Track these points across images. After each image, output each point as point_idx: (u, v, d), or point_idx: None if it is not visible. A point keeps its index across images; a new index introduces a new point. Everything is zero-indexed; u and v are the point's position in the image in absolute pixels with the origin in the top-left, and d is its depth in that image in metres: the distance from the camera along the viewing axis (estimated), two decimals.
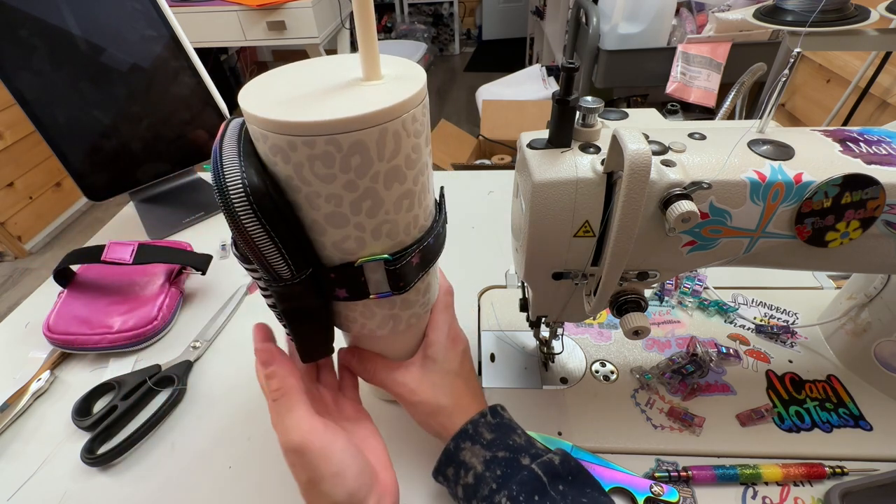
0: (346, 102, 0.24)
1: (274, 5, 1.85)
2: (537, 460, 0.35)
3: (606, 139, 0.32)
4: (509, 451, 0.36)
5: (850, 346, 0.49)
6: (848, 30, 0.79)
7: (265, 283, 0.29)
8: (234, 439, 0.47)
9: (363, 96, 0.25)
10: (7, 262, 2.01)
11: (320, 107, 0.24)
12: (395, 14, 3.76)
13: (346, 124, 0.23)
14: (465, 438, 0.37)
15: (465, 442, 0.37)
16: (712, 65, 1.41)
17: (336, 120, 0.23)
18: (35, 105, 0.63)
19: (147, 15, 0.68)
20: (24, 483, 0.44)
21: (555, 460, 0.35)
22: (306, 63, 0.30)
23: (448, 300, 0.42)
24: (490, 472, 0.35)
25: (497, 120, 1.85)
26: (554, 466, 0.34)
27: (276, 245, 0.26)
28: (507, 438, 0.37)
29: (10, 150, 1.93)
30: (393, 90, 0.25)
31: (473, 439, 0.37)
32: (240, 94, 0.26)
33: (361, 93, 0.25)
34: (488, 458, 0.36)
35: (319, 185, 0.26)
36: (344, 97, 0.25)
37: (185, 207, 0.77)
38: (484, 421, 0.38)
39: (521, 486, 0.33)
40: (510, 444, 0.36)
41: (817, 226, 0.33)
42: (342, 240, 0.28)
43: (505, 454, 0.36)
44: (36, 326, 0.58)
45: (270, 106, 0.24)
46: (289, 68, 0.29)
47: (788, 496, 0.40)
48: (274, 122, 0.23)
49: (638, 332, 0.35)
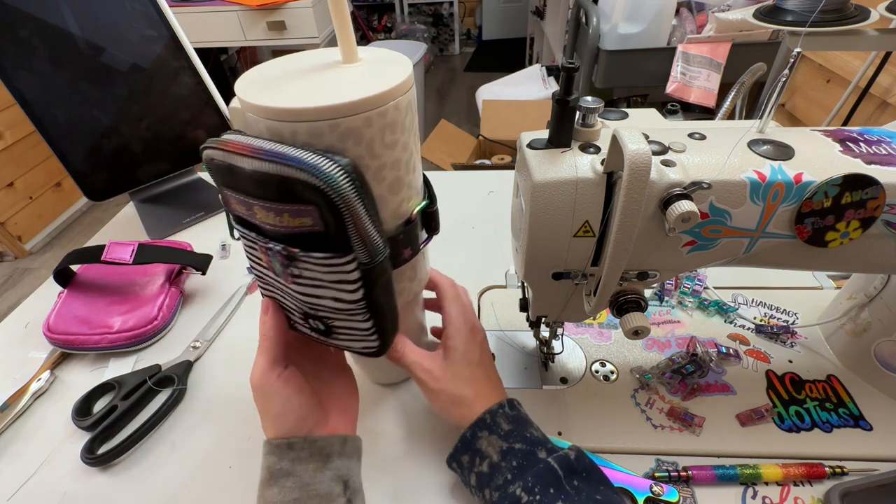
0: (397, 71, 0.29)
1: (274, 5, 1.85)
2: (553, 455, 0.36)
3: (606, 139, 0.32)
4: (526, 444, 0.37)
5: (850, 346, 0.49)
6: (848, 30, 0.79)
7: (360, 266, 0.29)
8: (234, 439, 0.47)
9: (394, 69, 0.30)
10: (7, 262, 2.01)
11: (377, 81, 0.28)
12: (395, 14, 3.76)
13: (403, 86, 0.29)
14: (482, 427, 0.38)
15: (482, 431, 0.37)
16: (712, 65, 1.41)
17: (400, 83, 0.28)
18: (35, 105, 0.63)
19: (147, 15, 0.68)
20: (24, 483, 0.44)
21: (570, 455, 0.35)
22: (291, 57, 0.33)
23: (454, 292, 0.43)
24: (506, 462, 0.36)
25: (497, 120, 1.85)
26: (570, 461, 0.35)
27: (372, 220, 0.28)
28: (525, 431, 0.38)
29: (10, 150, 1.93)
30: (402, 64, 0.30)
31: (491, 429, 0.37)
32: (279, 96, 0.28)
33: (387, 69, 0.30)
34: (505, 448, 0.36)
35: (387, 155, 0.29)
36: (385, 72, 0.29)
37: (185, 207, 0.77)
38: (502, 412, 0.38)
39: (537, 478, 0.34)
40: (527, 436, 0.37)
41: (817, 226, 0.33)
42: (399, 204, 0.33)
43: (522, 446, 0.36)
44: (36, 326, 0.58)
45: (330, 93, 0.27)
46: (281, 61, 0.32)
47: (788, 496, 0.40)
48: (348, 104, 0.26)
49: (638, 332, 0.35)
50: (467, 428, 0.38)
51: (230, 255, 0.70)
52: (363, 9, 3.76)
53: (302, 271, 0.30)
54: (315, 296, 0.32)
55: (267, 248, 0.30)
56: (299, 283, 0.31)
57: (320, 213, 0.27)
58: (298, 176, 0.25)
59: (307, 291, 0.31)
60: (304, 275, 0.30)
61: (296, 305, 0.34)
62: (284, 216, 0.27)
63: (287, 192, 0.26)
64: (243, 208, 0.29)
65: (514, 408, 0.39)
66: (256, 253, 0.32)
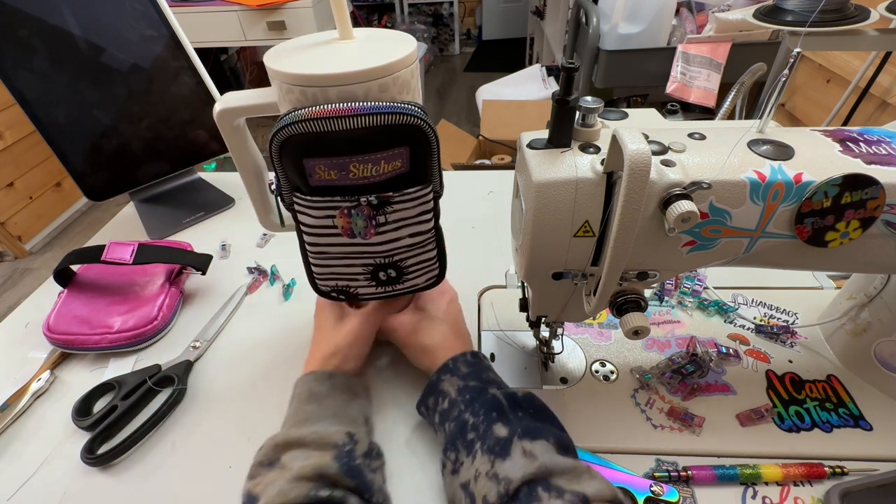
0: (398, 38, 0.35)
1: (274, 5, 1.85)
2: (502, 390, 0.40)
3: (606, 139, 0.32)
4: (480, 382, 0.41)
5: (850, 346, 0.49)
6: (848, 30, 0.79)
7: (434, 196, 0.37)
8: (234, 439, 0.47)
9: (393, 37, 0.35)
10: (7, 262, 2.01)
11: (396, 45, 0.34)
12: (395, 14, 3.76)
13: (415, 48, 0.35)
14: (445, 371, 0.43)
15: (444, 374, 0.43)
16: (712, 65, 1.41)
17: (415, 45, 0.34)
18: (35, 105, 0.63)
19: (147, 15, 0.68)
20: (24, 483, 0.44)
21: (518, 393, 0.39)
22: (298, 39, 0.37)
23: None
24: (461, 396, 0.40)
25: (497, 120, 1.85)
26: (517, 398, 0.39)
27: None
28: (482, 374, 0.42)
29: (10, 150, 1.93)
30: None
31: (452, 372, 0.43)
32: (340, 65, 0.32)
33: (387, 38, 0.35)
34: (461, 386, 0.41)
35: (418, 100, 0.35)
36: (390, 39, 0.35)
37: (185, 207, 0.77)
38: (464, 359, 0.44)
39: (483, 405, 0.38)
40: (483, 377, 0.42)
41: (817, 226, 0.33)
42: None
43: (476, 384, 0.41)
44: (36, 326, 0.58)
45: (378, 55, 0.32)
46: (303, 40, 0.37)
47: (788, 496, 0.40)
48: (402, 58, 0.32)
49: (638, 332, 0.35)
50: (433, 373, 0.43)
51: (230, 255, 0.70)
52: (363, 9, 3.75)
53: (388, 216, 0.36)
54: (395, 239, 0.38)
55: (353, 207, 0.35)
56: (382, 230, 0.37)
57: (410, 153, 0.33)
58: (397, 120, 0.31)
59: (387, 238, 0.37)
60: (388, 220, 0.36)
61: (366, 264, 0.40)
62: (381, 164, 0.33)
63: (385, 137, 0.32)
64: (334, 172, 0.33)
65: (476, 357, 0.44)
66: (331, 223, 0.36)
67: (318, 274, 0.41)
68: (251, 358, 0.55)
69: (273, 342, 0.56)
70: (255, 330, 0.58)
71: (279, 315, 0.60)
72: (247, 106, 0.37)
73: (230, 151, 0.41)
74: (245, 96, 0.38)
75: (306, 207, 0.36)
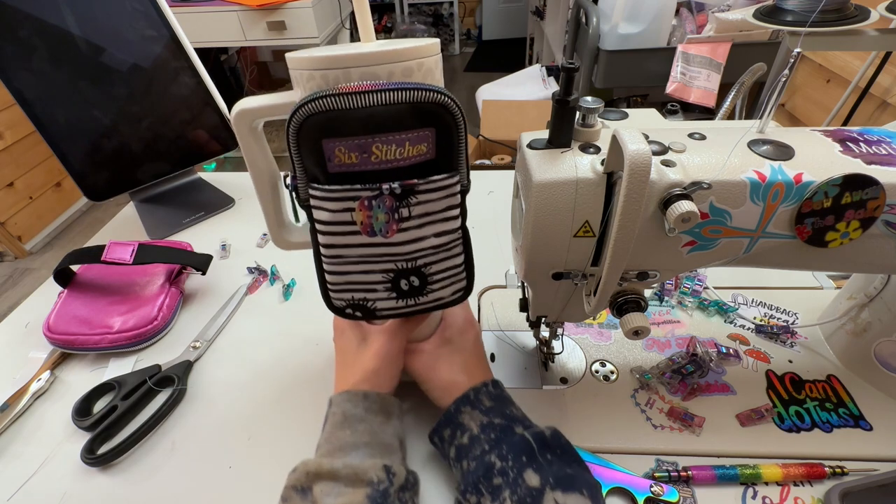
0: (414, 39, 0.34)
1: (274, 5, 1.85)
2: (529, 430, 0.38)
3: (606, 139, 0.32)
4: (505, 420, 0.39)
5: (850, 346, 0.49)
6: (848, 30, 0.79)
7: (458, 194, 0.34)
8: (234, 439, 0.47)
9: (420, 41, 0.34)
10: (7, 262, 2.01)
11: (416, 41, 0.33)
12: (395, 14, 3.76)
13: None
14: (465, 403, 0.40)
15: (465, 406, 0.40)
16: (712, 65, 1.41)
17: (435, 39, 0.33)
18: (35, 105, 0.63)
19: (147, 15, 0.68)
20: (24, 483, 0.44)
21: (546, 433, 0.37)
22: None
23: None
24: (485, 434, 0.38)
25: (497, 120, 1.85)
26: (545, 438, 0.37)
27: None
28: (505, 408, 0.40)
29: (10, 150, 1.93)
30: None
31: (473, 404, 0.40)
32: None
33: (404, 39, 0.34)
34: (485, 422, 0.39)
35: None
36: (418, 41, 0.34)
37: (185, 207, 0.77)
38: (486, 390, 0.41)
39: (511, 448, 0.36)
40: (507, 413, 0.40)
41: (817, 226, 0.33)
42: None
43: (501, 421, 0.39)
44: (36, 326, 0.58)
45: (402, 43, 0.31)
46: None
47: (788, 496, 0.40)
48: (427, 45, 0.31)
49: (638, 332, 0.35)
50: (452, 403, 0.41)
51: (230, 255, 0.70)
52: None
53: (412, 209, 0.33)
54: (419, 238, 0.34)
55: (374, 198, 0.32)
56: (405, 226, 0.34)
57: (436, 136, 0.31)
58: (424, 97, 0.29)
59: (411, 237, 0.34)
60: (412, 213, 0.33)
61: (387, 270, 0.36)
62: (406, 145, 0.30)
63: (410, 116, 0.29)
64: (355, 154, 0.31)
65: (497, 387, 0.42)
66: (349, 217, 0.33)
67: (333, 284, 0.37)
68: (251, 358, 0.55)
69: (273, 342, 0.56)
70: (255, 330, 0.58)
71: (279, 315, 0.60)
72: (266, 106, 0.35)
73: (245, 157, 0.38)
74: (264, 98, 0.36)
75: (323, 200, 0.33)
